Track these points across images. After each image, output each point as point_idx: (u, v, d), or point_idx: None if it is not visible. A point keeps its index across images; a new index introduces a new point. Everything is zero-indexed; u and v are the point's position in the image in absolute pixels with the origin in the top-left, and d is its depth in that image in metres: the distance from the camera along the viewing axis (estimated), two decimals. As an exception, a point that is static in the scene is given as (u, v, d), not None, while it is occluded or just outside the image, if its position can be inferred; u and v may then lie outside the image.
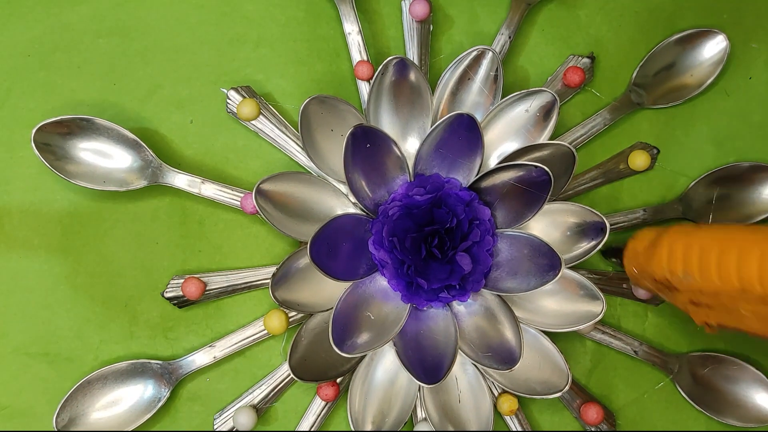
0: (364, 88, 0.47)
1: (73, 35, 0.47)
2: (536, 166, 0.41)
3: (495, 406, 0.45)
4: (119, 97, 0.47)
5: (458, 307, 0.44)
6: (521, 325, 0.43)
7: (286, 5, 0.49)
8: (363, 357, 0.44)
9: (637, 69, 0.49)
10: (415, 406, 0.45)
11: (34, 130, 0.43)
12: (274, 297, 0.41)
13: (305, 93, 0.48)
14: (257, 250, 0.47)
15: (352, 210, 0.44)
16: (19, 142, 0.46)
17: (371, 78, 0.46)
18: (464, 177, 0.44)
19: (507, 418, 0.46)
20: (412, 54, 0.47)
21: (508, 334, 0.43)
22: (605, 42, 0.50)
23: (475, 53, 0.44)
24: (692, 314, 0.41)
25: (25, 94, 0.47)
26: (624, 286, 0.47)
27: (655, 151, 0.49)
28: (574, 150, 0.42)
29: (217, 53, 0.48)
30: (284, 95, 0.48)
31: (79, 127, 0.44)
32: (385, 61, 0.42)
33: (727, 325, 0.40)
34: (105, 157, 0.45)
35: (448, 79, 0.44)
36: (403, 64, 0.42)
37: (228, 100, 0.46)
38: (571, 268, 0.44)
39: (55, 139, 0.44)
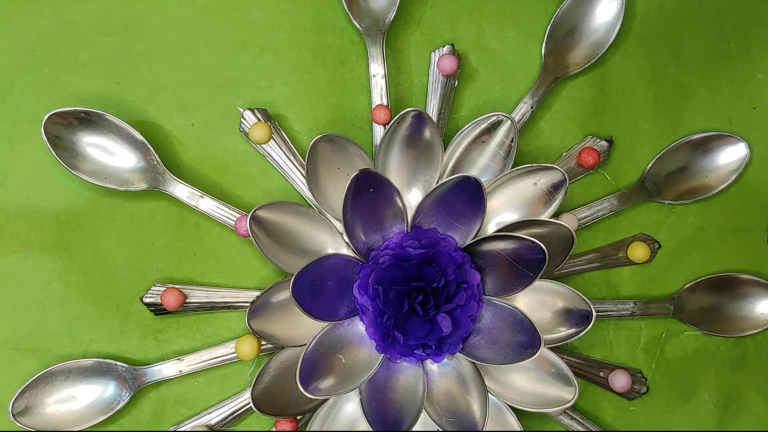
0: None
1: (79, 32, 0.47)
2: (533, 242, 0.40)
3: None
4: (122, 96, 0.47)
5: (431, 365, 0.44)
6: (489, 396, 0.42)
7: (293, 13, 0.48)
8: (327, 399, 0.44)
9: (651, 163, 0.48)
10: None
11: (45, 117, 0.43)
12: (250, 326, 0.41)
13: (308, 101, 0.48)
14: (252, 256, 0.47)
15: (344, 250, 0.44)
16: (20, 136, 0.46)
17: (387, 123, 0.46)
18: (461, 237, 0.43)
19: None
20: (433, 106, 0.47)
21: (475, 405, 0.42)
22: (627, 126, 0.49)
23: (493, 119, 0.44)
24: None
25: (27, 88, 0.47)
26: (601, 374, 0.47)
27: (657, 245, 0.48)
28: (573, 233, 0.41)
29: (222, 57, 0.48)
30: (287, 102, 0.48)
31: (89, 122, 0.44)
32: (403, 112, 0.42)
33: None
34: (110, 154, 0.45)
35: (462, 139, 0.44)
36: (420, 118, 0.42)
37: (242, 120, 0.46)
38: (550, 348, 0.43)
39: (63, 129, 0.44)
